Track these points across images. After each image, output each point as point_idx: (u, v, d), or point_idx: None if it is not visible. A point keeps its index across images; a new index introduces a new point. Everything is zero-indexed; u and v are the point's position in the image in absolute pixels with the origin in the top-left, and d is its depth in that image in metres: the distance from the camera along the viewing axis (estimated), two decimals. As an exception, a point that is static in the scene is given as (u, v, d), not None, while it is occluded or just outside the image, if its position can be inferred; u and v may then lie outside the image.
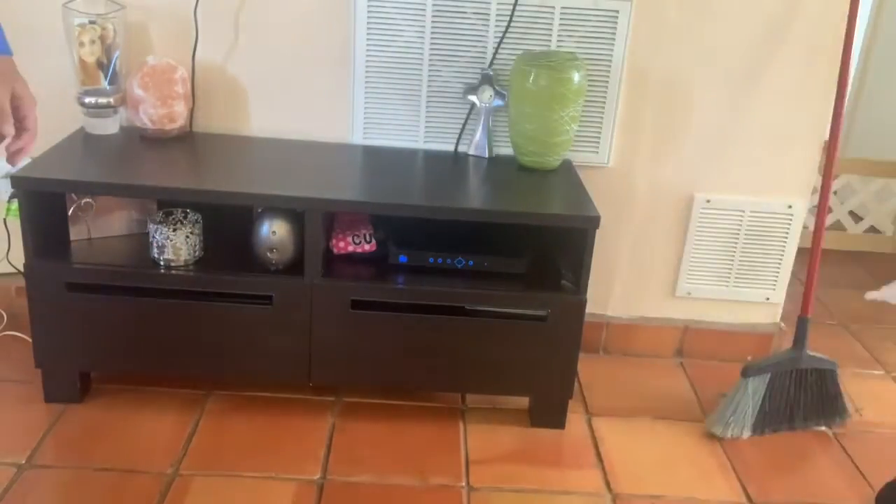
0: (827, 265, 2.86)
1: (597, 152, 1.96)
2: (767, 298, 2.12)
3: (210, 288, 1.66)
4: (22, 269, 1.62)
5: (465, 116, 1.92)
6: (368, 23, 1.83)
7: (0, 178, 1.84)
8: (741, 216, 2.03)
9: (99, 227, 1.76)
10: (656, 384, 2.04)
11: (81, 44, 1.74)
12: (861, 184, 2.99)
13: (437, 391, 1.89)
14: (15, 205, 1.63)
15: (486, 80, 1.85)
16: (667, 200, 2.02)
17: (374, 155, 1.88)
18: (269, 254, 1.65)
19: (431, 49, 1.86)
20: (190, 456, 1.64)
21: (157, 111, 1.81)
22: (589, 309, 1.73)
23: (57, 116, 1.69)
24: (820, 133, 1.97)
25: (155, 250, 1.66)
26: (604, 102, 1.91)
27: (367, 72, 1.88)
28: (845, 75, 1.78)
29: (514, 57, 1.84)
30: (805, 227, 2.11)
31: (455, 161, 1.88)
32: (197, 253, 1.68)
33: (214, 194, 1.59)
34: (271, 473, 1.61)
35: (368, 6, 1.82)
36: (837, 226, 3.06)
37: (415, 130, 1.94)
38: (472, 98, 1.87)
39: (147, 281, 1.66)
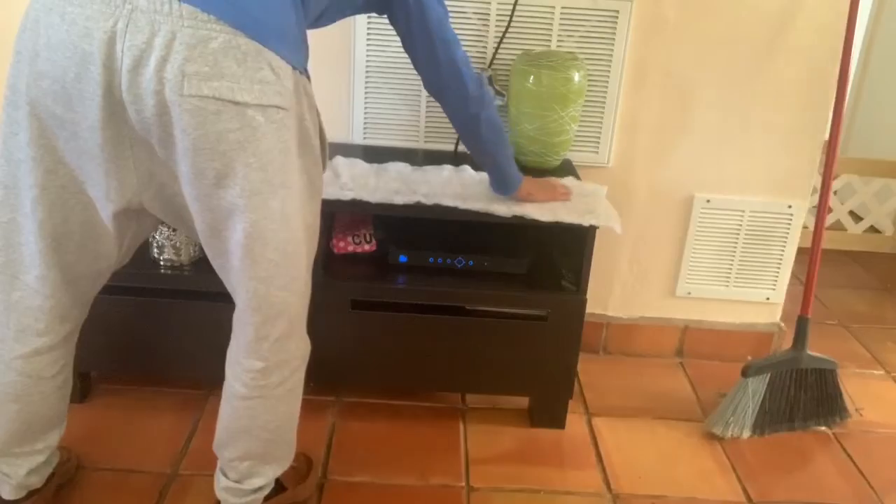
0: (827, 265, 2.86)
1: (597, 152, 1.96)
2: (767, 298, 2.12)
3: (210, 288, 1.65)
4: None
5: (465, 116, 1.91)
6: (368, 23, 1.83)
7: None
8: (741, 216, 2.03)
9: (99, 227, 1.76)
10: (656, 384, 2.04)
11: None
12: (861, 184, 2.99)
13: (437, 391, 1.89)
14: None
15: (487, 80, 1.85)
16: (667, 200, 2.03)
17: (374, 155, 1.87)
18: (269, 254, 1.65)
19: (431, 49, 1.85)
20: (190, 456, 1.64)
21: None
22: (589, 309, 1.73)
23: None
24: (820, 133, 1.97)
25: (155, 250, 1.66)
26: (604, 102, 1.91)
27: (367, 72, 1.88)
28: (845, 75, 1.78)
29: (514, 57, 1.84)
30: (805, 227, 2.11)
31: (455, 161, 1.87)
32: (197, 253, 1.68)
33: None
34: (271, 473, 1.60)
35: (368, 6, 1.82)
36: (837, 226, 3.06)
37: (415, 130, 1.94)
38: (472, 98, 1.87)
39: (147, 281, 1.66)
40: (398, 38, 1.39)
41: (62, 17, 1.03)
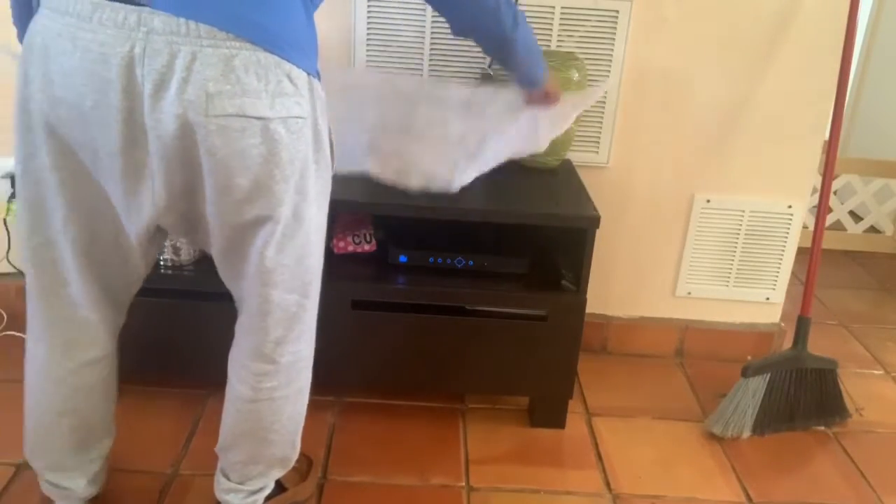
0: (827, 265, 2.86)
1: (597, 152, 1.96)
2: (767, 298, 2.12)
3: (210, 288, 1.65)
4: (22, 269, 1.61)
5: (465, 116, 1.91)
6: (368, 23, 1.83)
7: (0, 178, 1.84)
8: (741, 216, 2.03)
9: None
10: (656, 384, 2.04)
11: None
12: (861, 184, 2.99)
13: (437, 391, 1.89)
14: (15, 205, 1.63)
15: (486, 80, 1.85)
16: (667, 200, 2.02)
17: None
18: (269, 254, 1.65)
19: (431, 49, 1.86)
20: (190, 456, 1.64)
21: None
22: (589, 309, 1.73)
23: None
24: (820, 133, 1.97)
25: (155, 250, 1.66)
26: (604, 102, 1.91)
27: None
28: (845, 75, 1.78)
29: (514, 57, 1.84)
30: (805, 227, 2.11)
31: (455, 161, 1.88)
32: (197, 253, 1.68)
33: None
34: (271, 473, 1.60)
35: (368, 6, 1.82)
36: (837, 226, 3.06)
37: (415, 130, 1.94)
38: (472, 98, 1.87)
39: (147, 281, 1.65)
40: (398, 38, 1.38)
41: (74, 44, 1.00)
